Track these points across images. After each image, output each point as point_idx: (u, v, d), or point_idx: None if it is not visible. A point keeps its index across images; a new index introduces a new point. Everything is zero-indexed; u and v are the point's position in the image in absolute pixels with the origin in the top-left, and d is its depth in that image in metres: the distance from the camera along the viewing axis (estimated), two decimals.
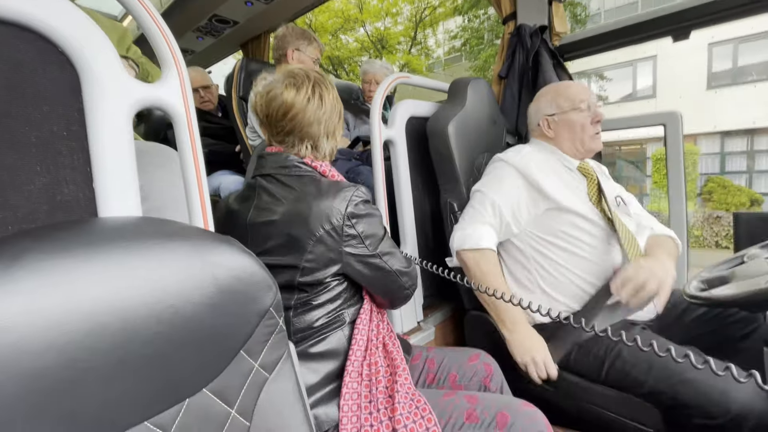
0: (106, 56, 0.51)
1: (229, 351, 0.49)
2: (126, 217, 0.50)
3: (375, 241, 0.77)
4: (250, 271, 0.50)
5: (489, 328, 1.20)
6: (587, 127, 1.12)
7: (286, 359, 0.56)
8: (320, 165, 0.80)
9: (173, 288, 0.43)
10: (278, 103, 0.75)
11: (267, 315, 0.52)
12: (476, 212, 1.10)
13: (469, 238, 1.07)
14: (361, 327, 0.79)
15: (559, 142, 1.17)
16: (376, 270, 0.79)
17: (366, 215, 0.75)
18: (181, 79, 0.58)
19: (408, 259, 0.87)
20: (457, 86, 1.32)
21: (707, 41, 9.80)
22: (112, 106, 0.52)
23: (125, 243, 0.42)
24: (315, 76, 0.79)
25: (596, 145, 1.13)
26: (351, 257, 0.74)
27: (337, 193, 0.73)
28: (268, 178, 0.78)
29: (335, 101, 0.81)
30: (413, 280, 0.87)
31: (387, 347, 0.80)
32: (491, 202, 1.08)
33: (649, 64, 11.10)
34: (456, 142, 1.21)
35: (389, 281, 0.81)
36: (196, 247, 0.46)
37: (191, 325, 0.44)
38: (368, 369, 0.75)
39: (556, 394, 1.05)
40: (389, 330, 0.85)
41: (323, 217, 0.71)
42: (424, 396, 0.72)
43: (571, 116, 1.13)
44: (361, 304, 0.82)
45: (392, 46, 12.39)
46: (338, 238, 0.72)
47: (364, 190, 0.76)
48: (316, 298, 0.75)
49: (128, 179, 0.53)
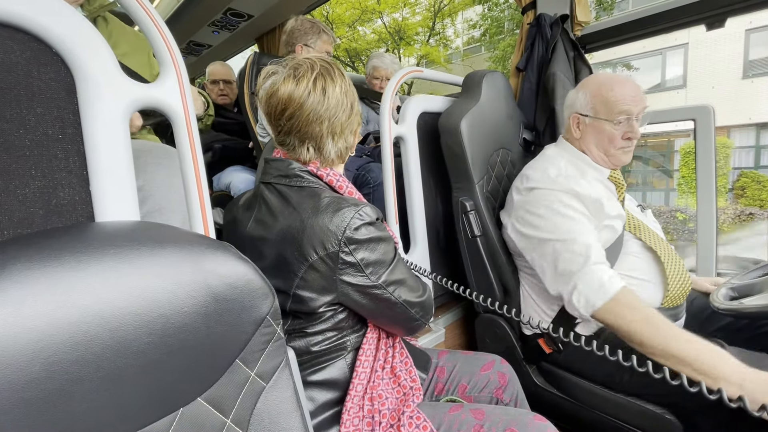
0: (101, 56, 0.50)
1: (225, 360, 0.47)
2: (120, 222, 0.49)
3: (379, 269, 0.66)
4: (245, 279, 0.48)
5: (501, 332, 1.17)
6: (616, 140, 0.99)
7: (284, 367, 0.54)
8: (327, 174, 0.71)
9: (164, 297, 0.41)
10: (276, 99, 0.67)
11: (264, 323, 0.51)
12: (569, 262, 0.90)
13: (594, 293, 0.84)
14: (365, 357, 0.71)
15: (584, 146, 1.06)
16: (378, 301, 0.68)
17: (368, 240, 0.64)
18: (180, 78, 0.56)
19: (422, 284, 0.76)
20: (472, 80, 1.27)
21: (744, 27, 9.25)
22: (108, 106, 0.51)
23: (115, 250, 0.41)
24: (322, 65, 0.68)
25: (624, 159, 1.02)
26: (348, 287, 0.65)
27: (334, 214, 0.62)
28: (269, 187, 0.71)
29: (344, 95, 0.69)
30: (426, 309, 0.74)
31: (399, 379, 0.72)
32: (579, 243, 0.90)
33: (679, 52, 10.57)
34: (469, 139, 1.16)
35: (395, 313, 0.70)
36: (190, 254, 0.45)
37: (184, 334, 0.43)
38: (370, 404, 0.68)
39: (573, 403, 1.01)
40: (403, 356, 0.77)
41: (317, 241, 0.62)
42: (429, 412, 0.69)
43: (603, 125, 1.00)
44: (365, 331, 0.73)
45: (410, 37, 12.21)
46: (333, 265, 0.63)
47: (369, 210, 0.65)
48: (311, 326, 0.68)
49: (125, 181, 0.53)
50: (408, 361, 0.77)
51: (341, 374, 0.70)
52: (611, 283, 0.84)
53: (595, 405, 0.97)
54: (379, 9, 11.52)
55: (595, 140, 1.03)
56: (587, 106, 1.03)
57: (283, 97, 0.66)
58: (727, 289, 0.94)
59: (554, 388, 1.07)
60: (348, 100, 0.70)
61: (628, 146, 1.01)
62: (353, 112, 0.72)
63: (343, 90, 0.69)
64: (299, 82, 0.66)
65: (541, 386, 1.09)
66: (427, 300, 0.75)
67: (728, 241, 6.76)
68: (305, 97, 0.66)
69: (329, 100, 0.67)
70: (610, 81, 1.01)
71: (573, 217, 0.93)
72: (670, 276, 0.96)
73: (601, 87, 1.01)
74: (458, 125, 1.15)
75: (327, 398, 0.69)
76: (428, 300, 0.75)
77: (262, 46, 2.82)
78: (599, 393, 0.97)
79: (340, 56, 11.95)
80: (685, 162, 9.34)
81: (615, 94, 0.98)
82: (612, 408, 0.94)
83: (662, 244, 1.03)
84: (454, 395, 0.83)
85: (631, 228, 1.05)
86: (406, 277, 0.71)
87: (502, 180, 1.30)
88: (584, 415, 1.00)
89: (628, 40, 1.44)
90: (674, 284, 0.95)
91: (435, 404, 0.76)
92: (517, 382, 0.87)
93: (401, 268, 0.70)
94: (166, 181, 0.77)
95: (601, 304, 0.83)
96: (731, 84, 9.74)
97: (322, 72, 0.68)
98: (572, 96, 1.08)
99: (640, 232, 1.03)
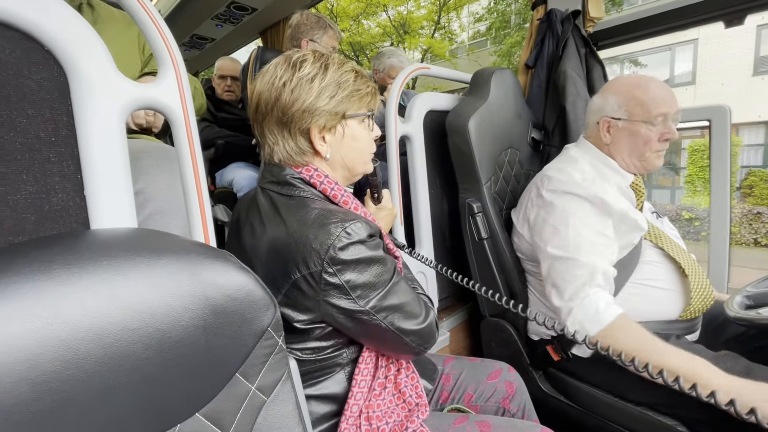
0: (95, 54, 0.48)
1: (224, 374, 0.46)
2: (116, 230, 0.46)
3: (369, 293, 0.59)
4: (246, 290, 0.46)
5: (507, 336, 1.15)
6: (653, 143, 0.94)
7: (286, 380, 0.52)
8: (321, 182, 0.65)
9: (161, 310, 0.39)
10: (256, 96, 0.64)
11: (265, 335, 0.49)
12: (570, 283, 0.88)
13: (589, 321, 0.84)
14: (361, 377, 0.65)
15: (614, 151, 1.00)
16: (365, 326, 0.61)
17: (356, 262, 0.57)
18: (179, 77, 0.54)
19: (426, 307, 0.67)
20: (480, 77, 1.24)
21: (756, 23, 9.08)
22: (104, 107, 0.48)
23: (108, 261, 0.39)
24: (316, 55, 0.64)
25: (658, 163, 0.97)
26: (332, 308, 0.59)
27: (319, 230, 0.56)
28: (264, 193, 0.67)
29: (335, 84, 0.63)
30: (425, 338, 0.66)
31: (405, 396, 0.67)
32: (583, 265, 0.87)
33: (689, 48, 10.40)
34: (477, 139, 1.13)
35: (386, 339, 0.63)
36: (188, 264, 0.43)
37: (181, 348, 0.41)
38: (368, 424, 0.64)
39: (580, 411, 0.99)
40: (409, 371, 0.71)
41: (300, 258, 0.56)
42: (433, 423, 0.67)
43: (639, 128, 0.94)
44: (362, 346, 0.67)
45: (415, 31, 12.09)
46: (316, 285, 0.57)
47: (358, 227, 0.58)
48: (300, 342, 0.63)
49: (122, 186, 0.50)
50: (414, 376, 0.72)
51: (340, 388, 0.66)
52: (607, 311, 0.83)
53: (603, 413, 0.95)
54: (384, 2, 11.39)
55: (629, 145, 0.97)
56: (620, 110, 0.97)
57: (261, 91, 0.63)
58: (742, 297, 0.91)
59: (561, 395, 1.05)
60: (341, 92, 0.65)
61: (662, 149, 0.96)
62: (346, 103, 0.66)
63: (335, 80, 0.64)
64: (294, 69, 0.63)
65: (548, 392, 1.07)
66: (427, 327, 0.66)
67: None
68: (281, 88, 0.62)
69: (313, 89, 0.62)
70: (645, 81, 0.96)
71: (585, 236, 0.90)
72: (694, 289, 0.93)
73: (634, 89, 0.96)
74: (466, 124, 1.12)
75: (325, 411, 0.66)
76: (428, 327, 0.66)
77: (266, 41, 2.78)
78: (608, 401, 0.94)
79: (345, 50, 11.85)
80: (692, 160, 9.23)
81: (653, 96, 0.93)
82: (620, 417, 0.92)
83: (684, 255, 0.99)
84: (459, 404, 0.81)
85: (651, 237, 1.01)
86: (404, 301, 0.63)
87: (510, 180, 1.27)
88: (591, 424, 0.98)
89: (642, 37, 1.39)
90: (697, 297, 0.92)
91: (439, 415, 0.74)
92: (525, 392, 0.85)
93: (400, 291, 0.63)
94: (168, 184, 0.75)
95: (595, 333, 0.82)
96: (741, 81, 9.58)
97: (317, 60, 0.64)
98: (599, 101, 1.03)
99: (662, 242, 1.00)
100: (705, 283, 0.95)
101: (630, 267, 0.97)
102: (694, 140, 9.23)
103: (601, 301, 0.84)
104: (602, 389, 0.96)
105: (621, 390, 0.93)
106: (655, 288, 0.96)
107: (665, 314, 0.95)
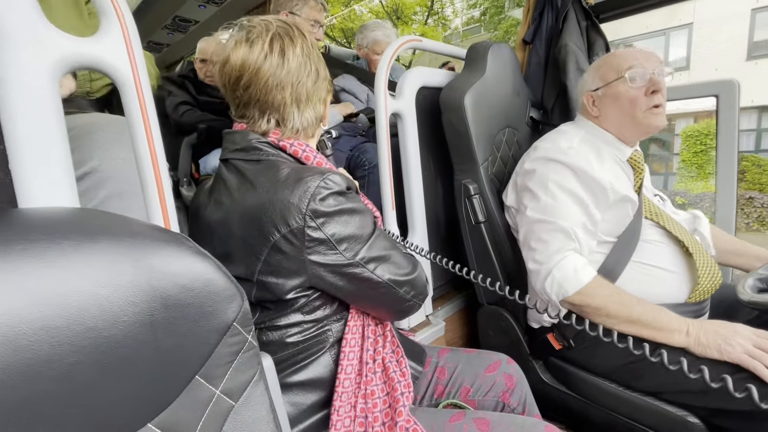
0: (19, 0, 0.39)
1: (180, 378, 0.39)
2: (46, 209, 0.39)
3: (355, 245, 0.57)
4: (204, 279, 0.39)
5: (506, 325, 1.09)
6: (639, 99, 0.91)
7: (258, 381, 0.46)
8: (291, 144, 0.62)
9: (93, 304, 0.32)
10: (229, 67, 0.58)
11: (230, 331, 0.42)
12: (549, 245, 0.89)
13: (565, 281, 0.85)
14: (349, 348, 0.62)
15: (606, 122, 0.98)
16: (357, 282, 0.59)
17: (339, 212, 0.55)
18: (125, 31, 0.46)
19: (411, 260, 0.67)
20: (476, 51, 1.16)
21: (750, 6, 9.01)
22: (31, 66, 0.40)
23: (24, 246, 0.31)
24: (278, 25, 0.60)
25: (656, 121, 0.93)
26: (319, 267, 0.56)
27: (296, 184, 0.54)
28: (228, 165, 0.62)
29: (306, 57, 0.61)
30: (418, 288, 0.65)
31: (388, 371, 0.64)
32: (561, 229, 0.88)
33: (683, 32, 10.32)
34: (473, 116, 1.06)
35: (379, 294, 0.62)
36: (130, 249, 0.35)
37: (123, 350, 0.34)
38: (364, 401, 0.61)
39: (583, 402, 0.94)
40: (394, 345, 0.68)
41: (278, 217, 0.53)
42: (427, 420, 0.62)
43: (616, 88, 0.93)
44: (346, 319, 0.64)
45: (408, 17, 11.85)
46: (299, 244, 0.54)
47: (337, 178, 0.56)
48: (283, 317, 0.59)
49: (58, 159, 0.42)
50: (399, 350, 0.69)
51: (327, 372, 0.62)
52: (584, 271, 0.85)
53: (607, 404, 0.90)
54: None
55: (617, 111, 0.95)
56: (595, 80, 0.99)
57: (236, 63, 0.58)
58: (754, 280, 0.85)
59: (562, 386, 1.00)
60: (312, 63, 0.63)
61: (655, 105, 0.92)
62: (320, 77, 0.64)
63: (305, 52, 0.62)
64: (253, 45, 0.58)
65: (549, 383, 1.02)
66: (418, 277, 0.65)
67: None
68: (261, 62, 0.58)
69: (289, 63, 0.59)
70: (615, 51, 1.01)
71: (563, 200, 0.91)
72: (700, 268, 0.87)
73: (604, 58, 1.01)
74: (462, 100, 1.04)
75: (312, 401, 0.61)
76: (419, 277, 0.66)
77: None
78: (612, 391, 0.89)
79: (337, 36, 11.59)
80: (686, 146, 9.23)
81: (619, 55, 0.97)
82: (626, 408, 0.87)
83: (687, 234, 0.94)
84: (455, 399, 0.75)
85: (651, 215, 0.96)
86: (389, 252, 0.61)
87: (507, 162, 1.20)
88: (595, 415, 0.93)
89: (647, 8, 1.31)
90: (705, 277, 0.87)
91: (434, 411, 0.68)
92: (526, 385, 0.79)
93: (382, 242, 0.61)
94: (128, 162, 0.66)
95: (573, 292, 0.84)
96: (734, 66, 9.54)
97: (279, 32, 0.60)
98: (582, 80, 1.06)
99: (663, 221, 0.94)
100: (710, 262, 0.90)
101: (630, 245, 0.92)
102: (688, 125, 9.22)
103: (579, 262, 0.86)
104: (607, 378, 0.91)
105: (626, 379, 0.88)
106: (660, 269, 0.91)
107: (673, 297, 0.89)
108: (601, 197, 0.91)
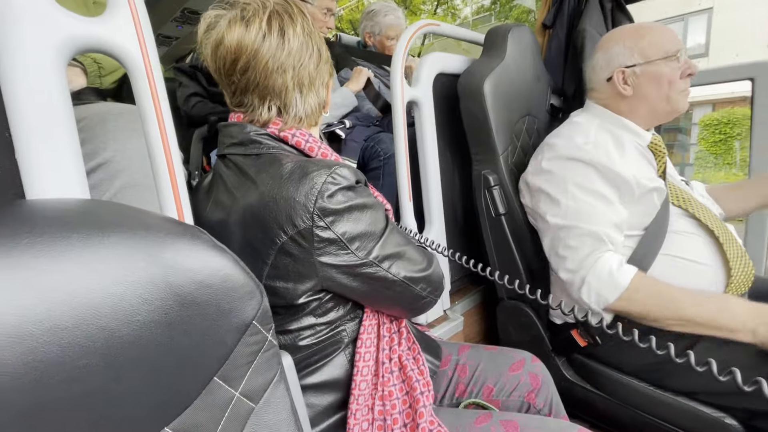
0: None
1: (197, 380, 0.36)
2: (55, 201, 0.37)
3: (368, 243, 0.53)
4: (221, 275, 0.36)
5: (527, 320, 1.06)
6: (676, 82, 0.87)
7: (279, 382, 0.43)
8: (293, 135, 0.57)
9: (106, 303, 0.30)
10: (224, 50, 0.53)
11: (249, 330, 0.39)
12: (578, 251, 0.84)
13: (603, 288, 0.79)
14: (365, 349, 0.59)
15: (634, 104, 0.92)
16: (371, 281, 0.55)
17: (349, 209, 0.51)
18: (134, 10, 0.43)
19: (427, 254, 0.63)
20: (495, 35, 1.10)
21: None
22: (36, 47, 0.38)
23: (31, 239, 0.29)
24: (275, 1, 0.55)
25: (683, 104, 0.90)
26: (331, 269, 0.52)
27: (301, 181, 0.49)
28: (225, 161, 0.58)
29: (308, 37, 0.56)
30: (434, 284, 0.63)
31: (405, 370, 0.61)
32: (588, 232, 0.83)
33: (702, 18, 9.97)
34: (493, 103, 1.01)
35: (395, 293, 0.58)
36: (143, 243, 0.33)
37: (137, 351, 0.31)
38: (381, 403, 0.58)
39: (609, 401, 0.91)
40: (410, 342, 0.66)
41: (283, 217, 0.49)
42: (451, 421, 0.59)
43: (660, 68, 0.87)
44: (360, 318, 0.61)
45: (416, 7, 11.66)
46: (308, 245, 0.50)
47: (345, 172, 0.51)
48: (294, 321, 0.56)
49: (67, 147, 0.40)
50: (416, 347, 0.66)
51: (342, 372, 0.60)
52: (621, 271, 0.79)
53: (636, 403, 0.87)
54: None
55: (654, 89, 0.89)
56: (632, 55, 0.90)
57: (231, 45, 0.53)
58: None
59: (587, 383, 0.96)
60: (314, 43, 0.58)
61: (686, 87, 0.90)
62: (322, 59, 0.59)
63: (305, 30, 0.57)
64: (249, 24, 0.52)
65: (572, 380, 0.99)
66: (435, 273, 0.63)
67: None
68: (260, 42, 0.52)
69: (290, 44, 0.54)
70: (644, 25, 0.93)
71: (587, 201, 0.85)
72: (732, 259, 0.82)
73: (638, 31, 0.91)
74: (481, 87, 0.99)
75: (328, 402, 0.59)
76: (435, 273, 0.63)
77: None
78: (641, 390, 0.86)
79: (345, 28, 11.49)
80: (704, 135, 8.96)
81: (660, 32, 0.90)
82: (656, 408, 0.83)
83: (717, 222, 0.89)
84: (478, 398, 0.72)
85: (680, 201, 0.90)
86: (404, 248, 0.58)
87: (528, 151, 1.15)
88: (622, 414, 0.89)
89: None
90: (737, 269, 0.82)
91: (458, 412, 0.65)
92: (552, 385, 0.76)
93: (396, 237, 0.58)
94: (143, 152, 0.64)
95: (614, 298, 0.78)
96: (756, 52, 9.19)
97: (276, 10, 0.54)
98: (603, 56, 0.95)
99: (693, 208, 0.89)
100: (741, 251, 0.85)
101: (659, 236, 0.87)
102: (706, 114, 8.94)
103: (613, 263, 0.80)
104: (636, 377, 0.87)
105: (657, 377, 0.84)
106: (691, 262, 0.86)
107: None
108: (625, 192, 0.86)
